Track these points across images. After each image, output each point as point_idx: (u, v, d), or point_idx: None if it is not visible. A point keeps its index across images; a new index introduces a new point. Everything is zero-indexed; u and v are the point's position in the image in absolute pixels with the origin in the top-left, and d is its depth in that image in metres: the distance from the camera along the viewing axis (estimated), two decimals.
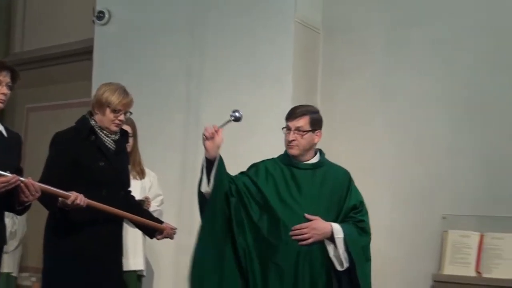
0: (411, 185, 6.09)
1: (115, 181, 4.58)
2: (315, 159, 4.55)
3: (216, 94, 6.45)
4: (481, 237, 5.66)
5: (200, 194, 4.41)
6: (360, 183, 5.61)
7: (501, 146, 5.79)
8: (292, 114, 4.48)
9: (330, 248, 4.30)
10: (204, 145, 4.28)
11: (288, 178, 4.44)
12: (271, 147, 5.94)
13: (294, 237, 4.23)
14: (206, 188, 4.33)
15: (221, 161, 4.32)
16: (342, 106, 6.51)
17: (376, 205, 5.86)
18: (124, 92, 4.54)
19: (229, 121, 4.38)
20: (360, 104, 6.45)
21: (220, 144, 4.32)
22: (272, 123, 6.08)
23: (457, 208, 5.85)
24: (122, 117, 4.52)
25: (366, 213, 4.61)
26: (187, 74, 6.67)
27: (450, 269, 5.66)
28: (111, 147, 4.56)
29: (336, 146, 6.27)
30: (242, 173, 4.56)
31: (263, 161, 4.60)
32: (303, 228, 4.24)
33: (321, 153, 4.63)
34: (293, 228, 4.24)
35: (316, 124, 4.49)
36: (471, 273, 5.59)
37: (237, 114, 4.41)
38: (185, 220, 5.54)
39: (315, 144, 4.54)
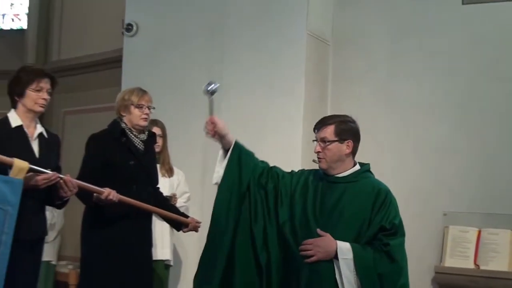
0: (414, 184, 6.05)
1: (144, 178, 4.61)
2: (346, 173, 3.79)
3: (234, 99, 6.41)
4: (479, 232, 5.66)
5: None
6: None
7: (496, 149, 5.79)
8: (317, 125, 3.84)
9: (337, 269, 3.56)
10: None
11: (318, 193, 3.74)
12: (284, 151, 5.92)
13: (301, 253, 3.61)
14: (217, 180, 3.88)
15: (235, 150, 3.84)
16: (349, 111, 6.27)
17: None
18: (140, 90, 4.63)
19: (211, 101, 3.89)
20: (365, 109, 6.34)
21: (223, 131, 3.82)
22: (285, 128, 6.07)
23: (457, 205, 5.84)
24: (147, 110, 4.57)
25: (401, 236, 3.73)
26: (208, 79, 6.54)
27: (451, 262, 5.65)
28: (140, 147, 4.62)
29: None
30: (290, 173, 3.96)
31: (311, 170, 3.95)
32: (308, 244, 3.59)
33: (362, 166, 3.88)
34: (302, 242, 3.62)
35: (345, 133, 3.74)
36: (470, 265, 5.58)
37: (208, 88, 3.86)
38: (207, 215, 5.45)
39: (347, 155, 3.75)
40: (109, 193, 4.13)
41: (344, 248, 3.55)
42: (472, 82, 5.92)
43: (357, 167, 3.82)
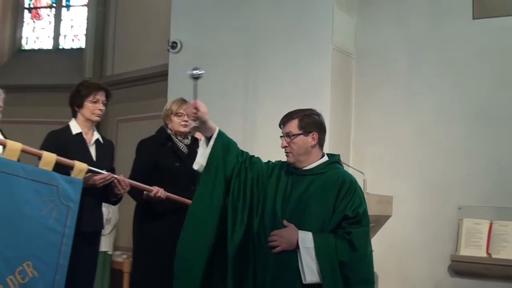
0: (432, 182, 6.02)
1: (188, 178, 4.56)
2: (313, 165, 3.54)
3: (267, 106, 6.41)
4: (491, 224, 5.62)
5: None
6: (389, 180, 5.47)
7: (506, 150, 5.76)
8: (282, 120, 3.62)
9: (299, 258, 3.34)
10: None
11: (288, 186, 3.53)
12: None
13: (268, 244, 3.40)
14: (197, 165, 3.59)
15: (220, 136, 3.58)
16: (372, 116, 6.51)
17: (402, 198, 5.85)
18: (181, 100, 4.65)
19: (195, 86, 3.64)
20: (386, 115, 6.42)
21: (204, 116, 3.56)
22: None
23: (471, 200, 5.81)
24: (185, 118, 4.56)
25: (365, 226, 3.46)
26: (244, 90, 6.66)
27: (465, 251, 5.62)
28: (184, 150, 4.65)
29: (368, 149, 6.37)
30: (267, 163, 3.71)
31: (284, 162, 3.66)
32: (274, 235, 3.39)
33: (331, 158, 3.62)
34: (270, 234, 3.41)
35: (309, 126, 3.51)
36: (483, 254, 5.55)
37: (194, 72, 3.59)
38: None
39: (312, 147, 3.52)
40: (158, 191, 4.19)
41: (306, 237, 3.34)
42: (482, 89, 5.89)
43: (325, 158, 3.58)
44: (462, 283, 5.72)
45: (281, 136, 3.59)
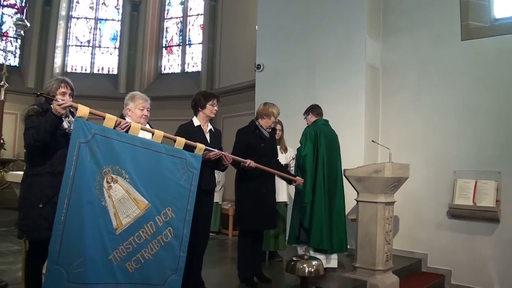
0: (436, 154, 5.98)
1: (269, 154, 4.54)
2: None
3: (322, 106, 6.31)
4: (476, 182, 5.54)
5: None
6: (406, 153, 5.61)
7: (486, 132, 5.63)
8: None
9: None
10: None
11: None
12: (352, 139, 5.96)
13: None
14: None
15: None
16: (393, 111, 6.44)
17: (416, 165, 5.86)
18: (273, 105, 4.59)
19: None
20: (403, 110, 6.34)
21: None
22: (353, 125, 6.12)
23: (462, 166, 5.72)
24: (273, 119, 4.54)
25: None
26: (305, 95, 6.70)
27: (458, 201, 5.58)
28: (267, 136, 4.56)
29: (391, 133, 6.34)
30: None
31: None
32: None
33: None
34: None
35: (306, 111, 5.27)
36: (470, 203, 5.49)
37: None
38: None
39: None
40: (250, 162, 4.11)
41: None
42: (469, 91, 5.77)
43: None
44: (455, 223, 5.67)
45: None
